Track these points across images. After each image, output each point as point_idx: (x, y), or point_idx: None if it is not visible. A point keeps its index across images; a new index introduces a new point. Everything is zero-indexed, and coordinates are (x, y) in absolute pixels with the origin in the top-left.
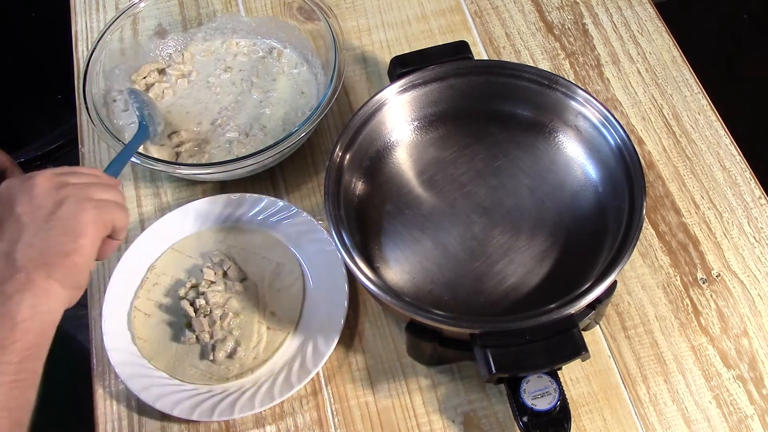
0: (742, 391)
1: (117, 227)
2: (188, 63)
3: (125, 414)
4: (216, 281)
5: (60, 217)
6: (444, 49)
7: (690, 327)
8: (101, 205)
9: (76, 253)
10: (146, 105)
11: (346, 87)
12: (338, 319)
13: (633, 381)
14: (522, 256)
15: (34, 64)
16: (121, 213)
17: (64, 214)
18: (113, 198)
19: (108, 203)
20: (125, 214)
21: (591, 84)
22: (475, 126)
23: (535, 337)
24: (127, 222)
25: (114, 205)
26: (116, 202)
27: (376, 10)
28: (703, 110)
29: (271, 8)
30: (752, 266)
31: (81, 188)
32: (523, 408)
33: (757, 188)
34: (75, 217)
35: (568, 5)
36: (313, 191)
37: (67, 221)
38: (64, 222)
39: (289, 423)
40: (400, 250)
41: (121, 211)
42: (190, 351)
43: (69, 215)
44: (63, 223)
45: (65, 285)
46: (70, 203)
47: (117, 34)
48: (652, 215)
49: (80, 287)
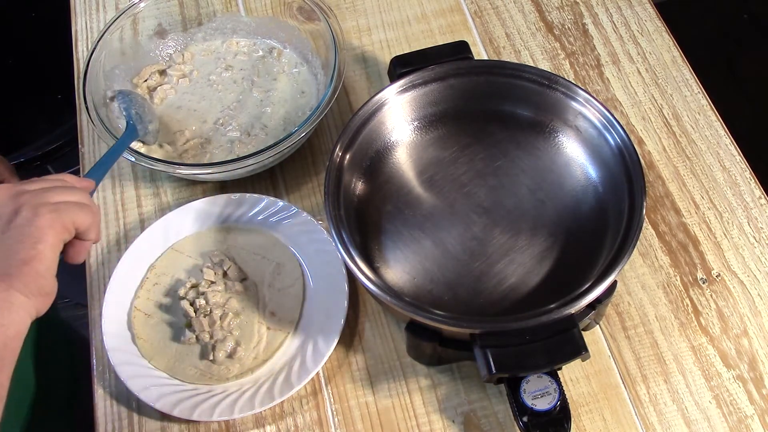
0: (742, 391)
1: (80, 228)
2: (189, 63)
3: (125, 414)
4: (216, 281)
5: (16, 226)
6: (444, 49)
7: (690, 327)
8: (59, 208)
9: (35, 260)
10: (134, 104)
11: (346, 87)
12: (338, 319)
13: (633, 381)
14: (522, 256)
15: (34, 64)
16: (83, 213)
17: (20, 221)
18: (75, 199)
19: (67, 205)
20: (88, 213)
21: (591, 84)
22: (475, 126)
23: (535, 337)
24: (92, 221)
25: (74, 206)
26: (77, 202)
27: (376, 10)
28: (703, 110)
29: (271, 8)
30: (752, 266)
31: (38, 194)
32: (523, 408)
33: (757, 188)
34: (31, 223)
35: (568, 5)
36: (313, 191)
37: (23, 228)
38: (21, 230)
39: (289, 423)
40: (400, 250)
41: (83, 211)
42: (190, 351)
43: (24, 222)
44: (19, 231)
45: (28, 294)
46: (26, 210)
47: (117, 34)
48: (652, 215)
49: (46, 294)
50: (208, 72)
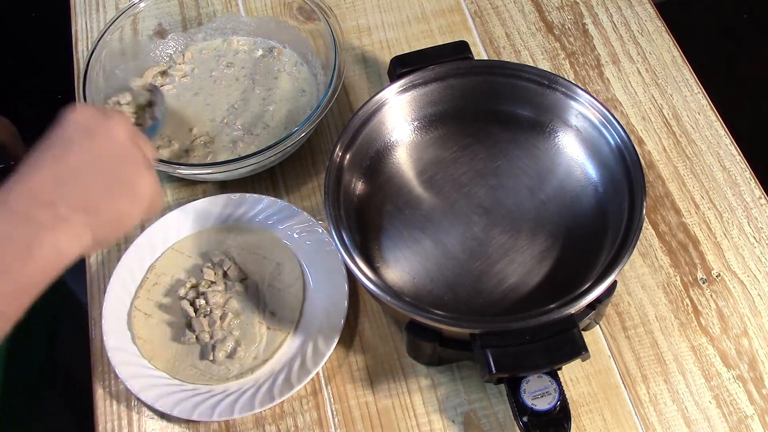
0: (742, 391)
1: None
2: (189, 62)
3: (125, 414)
4: (216, 281)
5: (126, 177)
6: (444, 49)
7: (690, 327)
8: (157, 185)
9: (126, 218)
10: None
11: (346, 87)
12: (338, 319)
13: (633, 381)
14: (522, 256)
15: (34, 64)
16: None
17: (130, 175)
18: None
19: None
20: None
21: (591, 84)
22: (475, 126)
23: (535, 337)
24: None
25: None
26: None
27: (376, 10)
28: (703, 110)
29: (271, 8)
30: (752, 266)
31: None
32: (523, 408)
33: (757, 188)
34: (138, 182)
35: (568, 5)
36: (313, 191)
37: (130, 183)
38: (128, 183)
39: (289, 423)
40: (400, 250)
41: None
42: (190, 351)
43: (134, 178)
44: (127, 184)
45: (97, 239)
46: (140, 166)
47: (117, 34)
48: (652, 215)
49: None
50: (210, 69)
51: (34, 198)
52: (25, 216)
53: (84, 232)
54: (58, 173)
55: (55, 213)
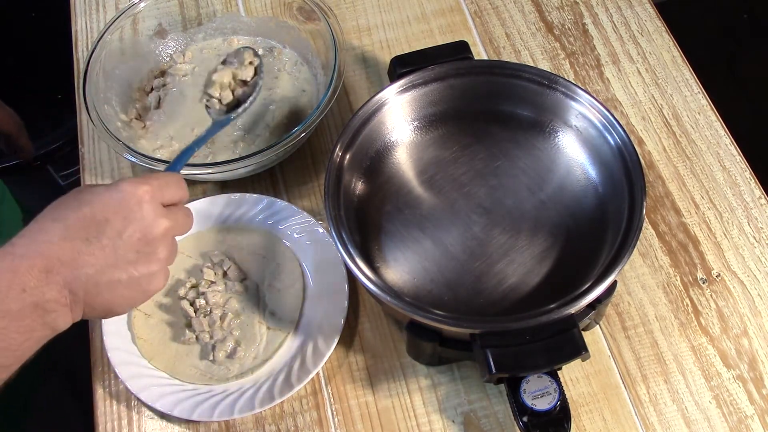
0: (742, 391)
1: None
2: (190, 61)
3: (125, 414)
4: (216, 281)
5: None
6: (444, 49)
7: (690, 327)
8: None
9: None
10: None
11: (346, 87)
12: (338, 319)
13: (633, 381)
14: (522, 256)
15: (34, 64)
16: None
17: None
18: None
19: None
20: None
21: (591, 84)
22: (475, 126)
23: (535, 337)
24: None
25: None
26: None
27: (376, 10)
28: (703, 110)
29: (271, 8)
30: (752, 266)
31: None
32: (523, 408)
33: (757, 188)
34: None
35: (568, 5)
36: (313, 191)
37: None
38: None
39: (289, 423)
40: (400, 250)
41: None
42: (190, 351)
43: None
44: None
45: (86, 317)
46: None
47: (117, 34)
48: (652, 215)
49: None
50: (210, 66)
51: (48, 274)
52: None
53: (79, 315)
54: (82, 255)
55: (63, 299)
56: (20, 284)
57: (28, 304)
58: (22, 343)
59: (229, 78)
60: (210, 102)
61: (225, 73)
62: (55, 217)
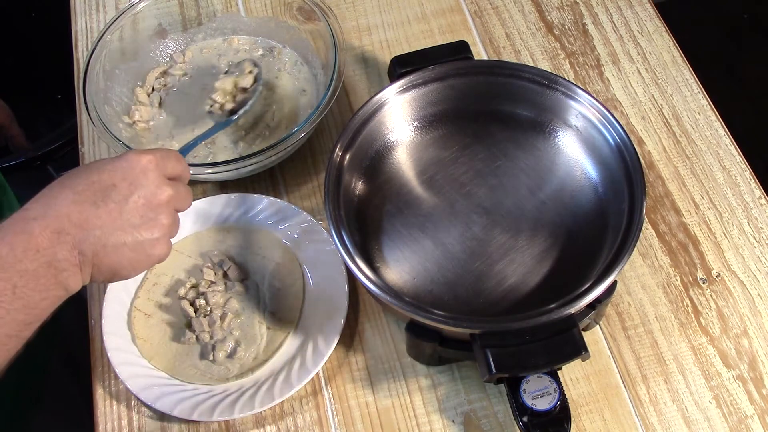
0: (742, 391)
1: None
2: (190, 61)
3: (125, 414)
4: (216, 281)
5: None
6: (444, 49)
7: (690, 327)
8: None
9: (126, 274)
10: None
11: (346, 87)
12: (338, 319)
13: (633, 381)
14: (522, 256)
15: (34, 64)
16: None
17: (150, 241)
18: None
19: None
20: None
21: (591, 84)
22: (475, 126)
23: (535, 337)
24: None
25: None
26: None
27: (376, 10)
28: (703, 110)
29: (271, 8)
30: (752, 266)
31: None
32: (523, 408)
33: (757, 188)
34: (154, 250)
35: (568, 5)
36: (313, 191)
37: (145, 249)
38: (143, 248)
39: (289, 423)
40: (400, 250)
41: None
42: (190, 351)
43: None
44: (139, 246)
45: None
46: (164, 235)
47: (117, 34)
48: (652, 215)
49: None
50: (211, 66)
51: (59, 235)
52: (49, 257)
53: (88, 277)
54: (90, 218)
55: (74, 258)
56: (35, 245)
57: (42, 264)
58: (39, 302)
59: (231, 86)
60: (213, 107)
61: (227, 81)
62: (66, 184)
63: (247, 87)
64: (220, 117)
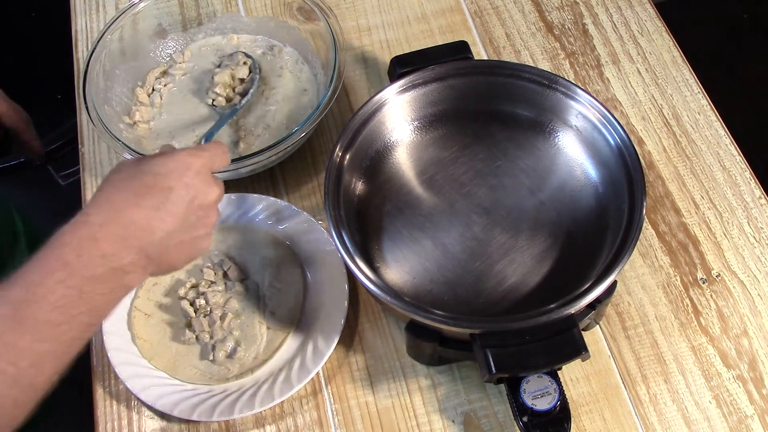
0: (742, 391)
1: None
2: (189, 60)
3: (125, 414)
4: (216, 281)
5: (196, 237)
6: (444, 49)
7: (690, 327)
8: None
9: (175, 268)
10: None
11: (346, 87)
12: (338, 319)
13: (633, 381)
14: (522, 256)
15: (34, 64)
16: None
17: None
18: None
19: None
20: None
21: (591, 84)
22: (475, 126)
23: (535, 337)
24: None
25: None
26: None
27: (376, 10)
28: (703, 110)
29: (271, 8)
30: (752, 266)
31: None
32: (523, 408)
33: (757, 188)
34: (201, 245)
35: (568, 5)
36: (313, 191)
37: (195, 246)
38: (194, 245)
39: (289, 423)
40: (400, 250)
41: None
42: (190, 351)
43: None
44: (193, 245)
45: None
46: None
47: (117, 34)
48: (652, 215)
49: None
50: (210, 63)
51: (125, 240)
52: (115, 262)
53: (148, 273)
54: (154, 221)
55: (140, 261)
56: (101, 251)
57: (108, 269)
58: (104, 305)
59: (229, 78)
60: (217, 101)
61: (224, 74)
62: (121, 187)
63: (244, 78)
64: (223, 109)
